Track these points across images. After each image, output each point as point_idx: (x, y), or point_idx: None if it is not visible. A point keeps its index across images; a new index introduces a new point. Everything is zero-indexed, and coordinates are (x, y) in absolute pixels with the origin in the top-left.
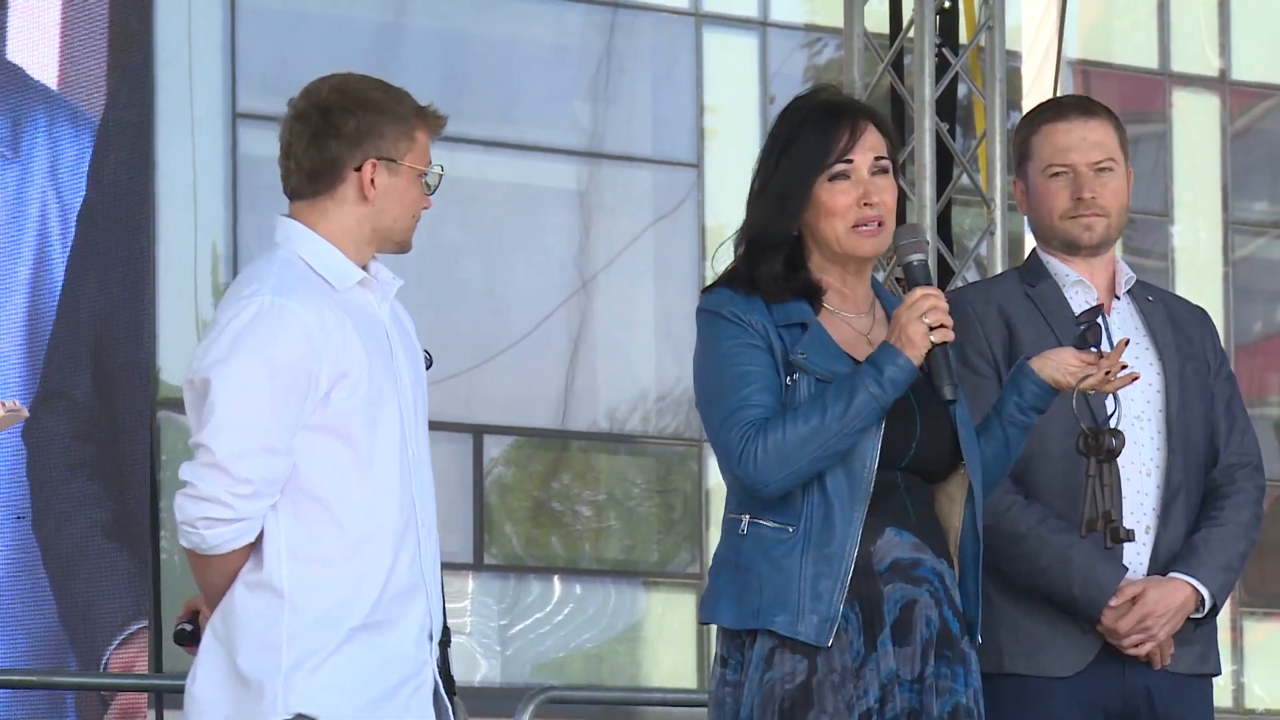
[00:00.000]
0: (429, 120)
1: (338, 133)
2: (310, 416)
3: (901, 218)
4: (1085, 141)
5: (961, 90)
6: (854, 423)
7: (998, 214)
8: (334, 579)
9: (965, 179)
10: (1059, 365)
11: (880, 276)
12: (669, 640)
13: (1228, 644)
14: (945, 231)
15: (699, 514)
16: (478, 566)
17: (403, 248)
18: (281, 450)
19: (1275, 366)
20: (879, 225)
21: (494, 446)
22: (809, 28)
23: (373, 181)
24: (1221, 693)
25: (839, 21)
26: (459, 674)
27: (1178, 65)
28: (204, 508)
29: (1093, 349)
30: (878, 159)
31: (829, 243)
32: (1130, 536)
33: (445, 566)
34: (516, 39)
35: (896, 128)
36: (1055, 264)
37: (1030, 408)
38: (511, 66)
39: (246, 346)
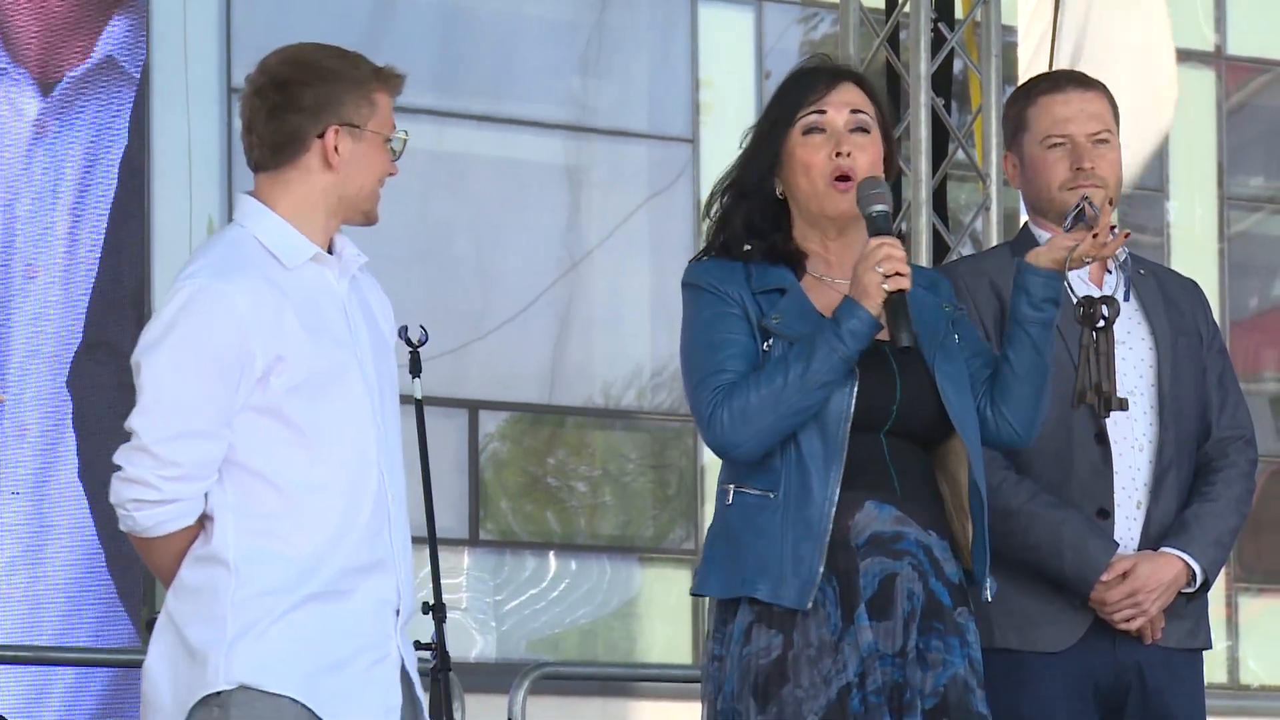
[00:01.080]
0: (388, 81)
1: (297, 105)
2: (249, 399)
3: (896, 193)
4: (1083, 113)
5: (957, 65)
6: (816, 378)
7: (993, 189)
8: (282, 552)
9: (961, 154)
10: (1053, 246)
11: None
12: (664, 616)
13: (1222, 619)
14: (940, 207)
15: (694, 490)
16: (473, 542)
17: (368, 218)
18: (211, 433)
19: (1271, 342)
20: (851, 181)
21: (489, 422)
22: (805, 2)
23: (336, 149)
24: (1216, 668)
25: None
26: (454, 650)
27: (1174, 40)
28: (133, 489)
29: (1083, 225)
30: (854, 112)
31: (807, 201)
32: (1123, 405)
33: (440, 542)
34: (510, 13)
35: (892, 103)
36: (1047, 237)
37: (1043, 300)
38: (505, 41)
39: (176, 331)
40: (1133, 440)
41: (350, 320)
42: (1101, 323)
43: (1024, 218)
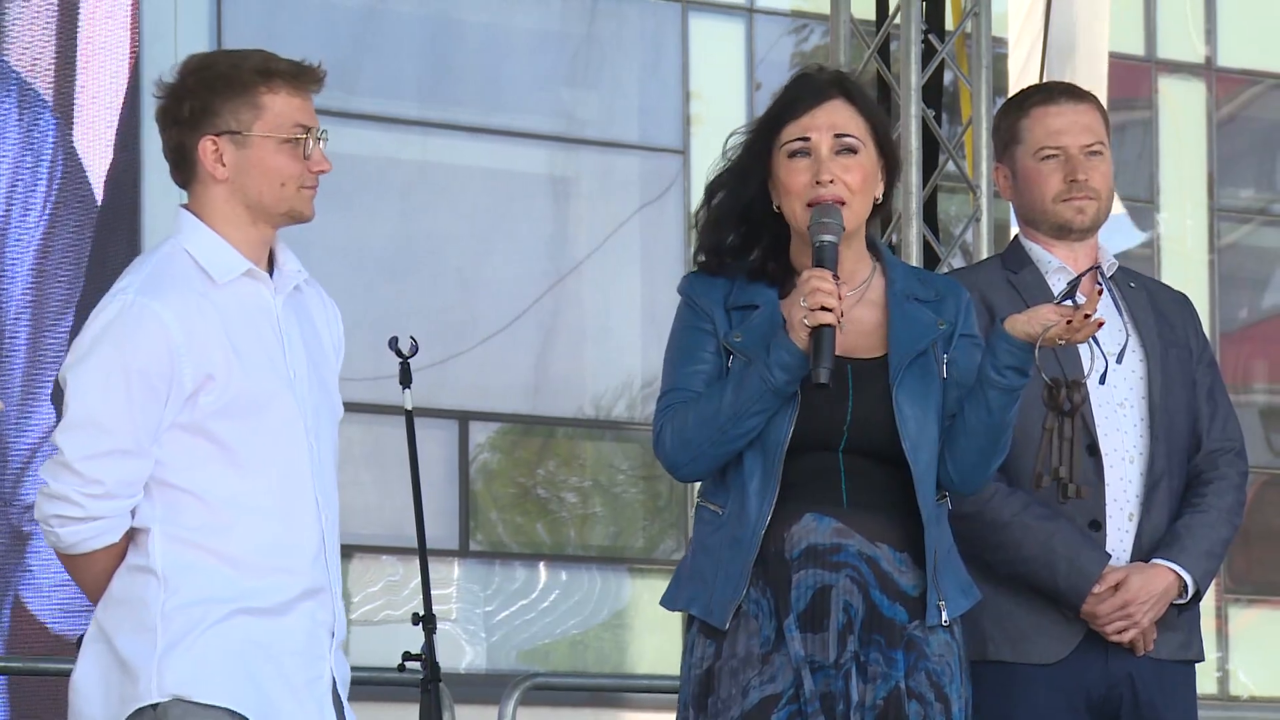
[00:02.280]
0: (281, 79)
1: (177, 118)
2: (177, 417)
3: (887, 203)
4: (1076, 124)
5: (947, 77)
6: (747, 406)
7: (984, 200)
8: (211, 564)
9: (951, 166)
10: (1032, 318)
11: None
12: (654, 627)
13: (1213, 631)
14: (931, 218)
15: (684, 501)
16: (463, 553)
17: (294, 218)
18: (136, 452)
19: (1260, 353)
20: (838, 205)
21: (479, 433)
22: (795, 14)
23: (222, 161)
24: (1206, 680)
25: (825, 8)
26: (444, 660)
27: (1164, 52)
28: (56, 506)
29: (1070, 302)
30: (839, 136)
31: (791, 219)
32: (1080, 494)
33: (430, 553)
34: (500, 24)
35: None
36: (1038, 250)
37: (1005, 367)
38: (493, 52)
39: (103, 347)
40: (1124, 452)
41: (284, 338)
42: (1068, 406)
43: (1015, 229)
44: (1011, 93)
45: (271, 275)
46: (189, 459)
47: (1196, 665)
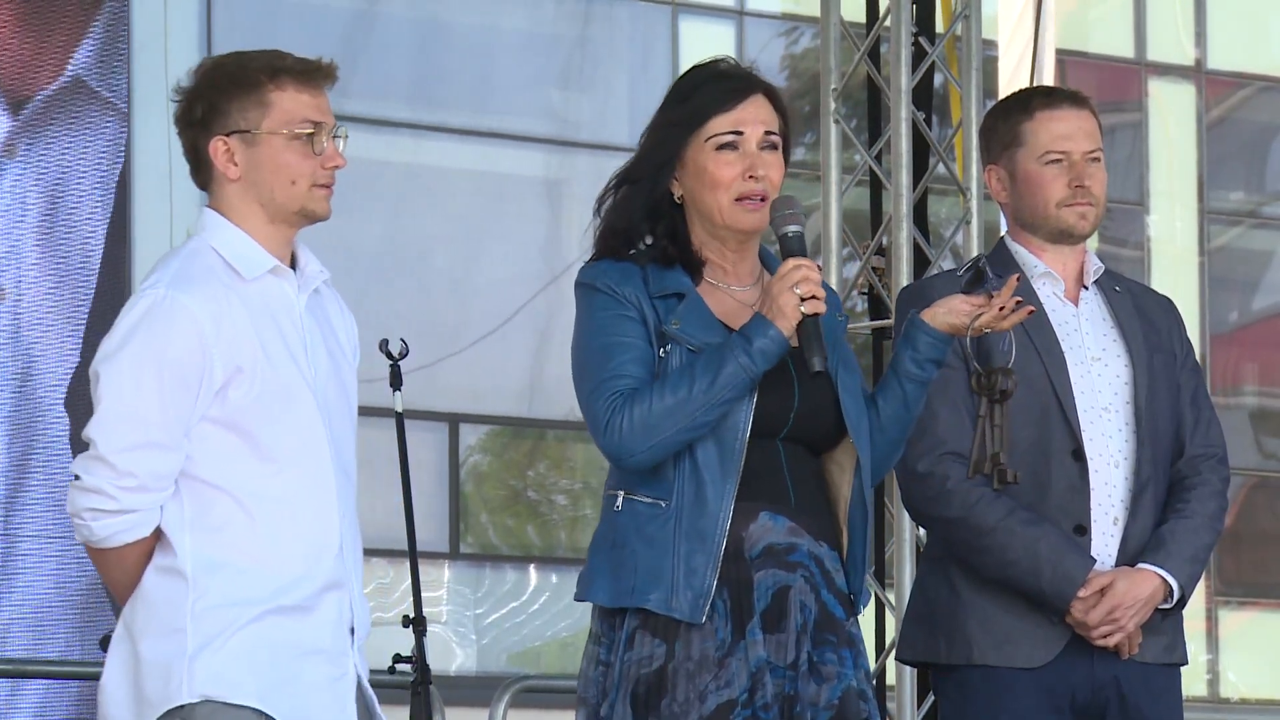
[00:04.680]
0: (288, 75)
1: (190, 120)
2: (207, 410)
3: (878, 206)
4: (1081, 130)
5: (938, 79)
6: (722, 394)
7: (974, 203)
8: (241, 563)
9: (941, 168)
10: (950, 309)
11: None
12: None
13: (1203, 633)
14: (921, 221)
15: None
16: (453, 555)
17: (308, 216)
18: (169, 445)
19: (1251, 356)
20: (762, 200)
21: (469, 435)
22: (785, 17)
23: (234, 161)
24: (1197, 682)
25: (815, 10)
26: (434, 663)
27: (1154, 54)
28: (90, 499)
29: (984, 290)
30: (768, 133)
31: (710, 214)
32: (1016, 479)
33: (421, 555)
34: (490, 27)
35: (873, 117)
36: (1024, 254)
37: (926, 359)
38: (485, 55)
39: (136, 341)
40: (1109, 457)
41: (306, 336)
42: (999, 395)
43: (1004, 231)
44: (1002, 95)
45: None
46: (219, 454)
47: (1184, 667)
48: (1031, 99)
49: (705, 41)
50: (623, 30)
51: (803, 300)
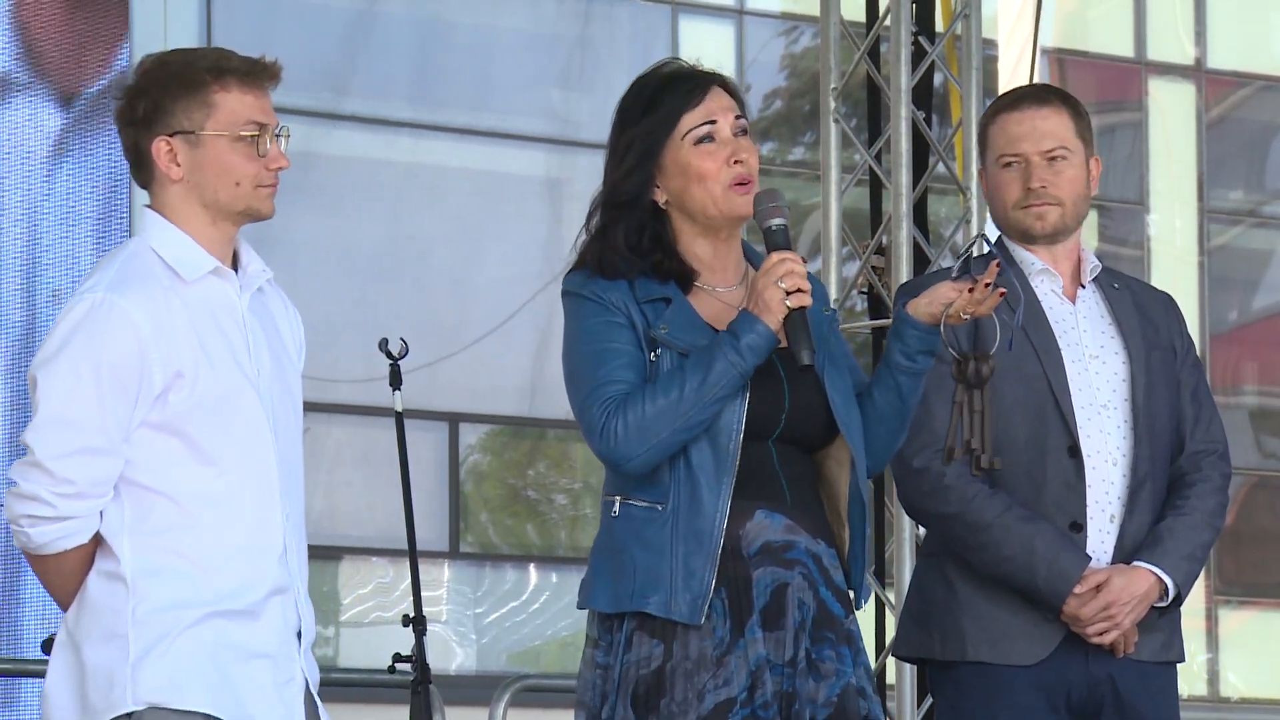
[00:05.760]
0: (233, 76)
1: (132, 118)
2: (147, 415)
3: (877, 206)
4: (1036, 130)
5: (938, 79)
6: (713, 392)
7: (974, 202)
8: (181, 567)
9: (941, 167)
10: (933, 298)
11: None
12: None
13: (1203, 632)
14: (921, 220)
15: None
16: (453, 554)
17: (252, 216)
18: (107, 450)
19: (1251, 355)
20: (749, 184)
21: (469, 435)
22: (785, 16)
23: (176, 161)
24: (1196, 681)
25: (815, 10)
26: (434, 662)
27: (1153, 54)
28: (27, 505)
29: (968, 277)
30: (737, 118)
31: (703, 208)
32: (995, 465)
33: (420, 555)
34: (491, 26)
35: (873, 116)
36: (1020, 252)
37: (917, 351)
38: (486, 54)
39: (73, 345)
40: (1106, 454)
41: (249, 336)
42: (976, 380)
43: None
44: (1000, 93)
45: (236, 275)
46: (158, 458)
47: (1185, 666)
48: (998, 102)
49: (705, 41)
50: (623, 30)
51: (788, 294)
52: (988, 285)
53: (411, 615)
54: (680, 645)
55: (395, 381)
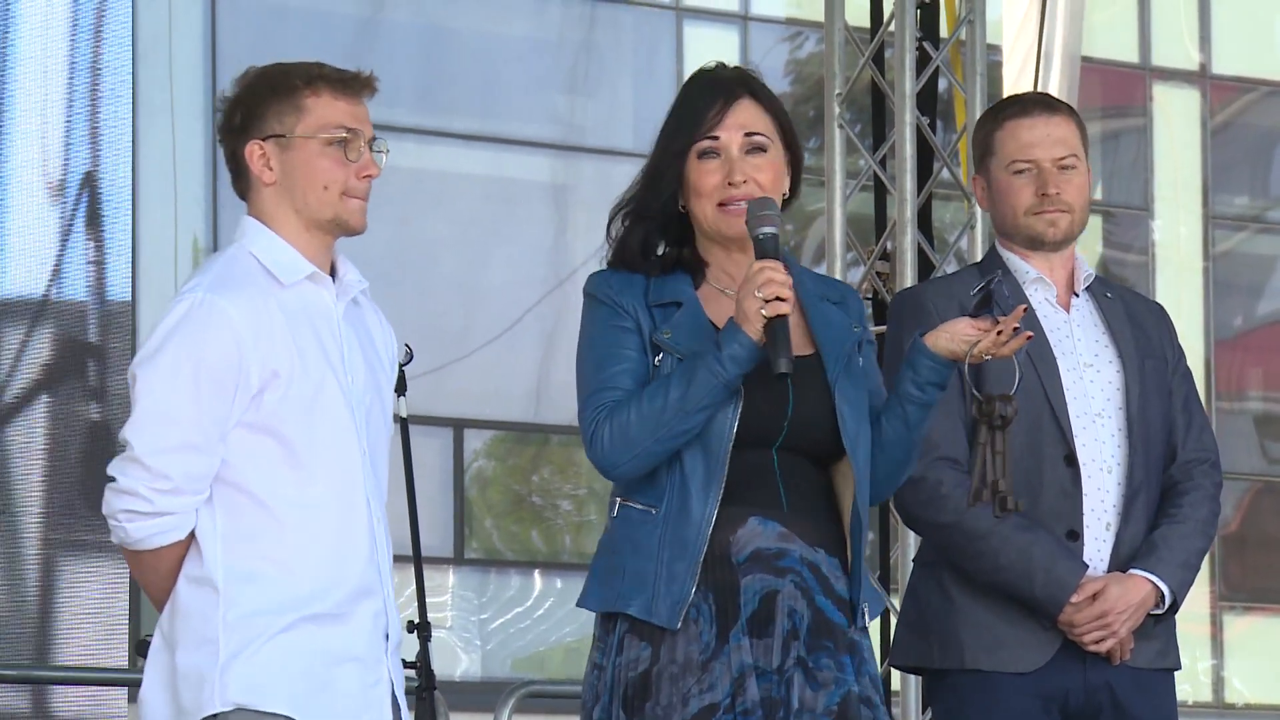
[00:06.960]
0: (325, 82)
1: (230, 127)
2: (243, 415)
3: (882, 211)
4: (1049, 138)
5: (942, 84)
6: (696, 401)
7: (978, 208)
8: (272, 573)
9: (946, 173)
10: (953, 335)
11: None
12: None
13: (1208, 638)
14: (926, 225)
15: None
16: (458, 560)
17: (341, 226)
18: (204, 447)
19: (1255, 361)
20: (744, 204)
21: (474, 440)
22: (790, 22)
23: (269, 165)
24: (1201, 687)
25: (820, 15)
26: (439, 668)
27: (1158, 59)
28: (125, 501)
29: (989, 315)
30: (749, 135)
31: (701, 222)
32: (1018, 508)
33: (425, 561)
34: (495, 32)
35: (877, 122)
36: (1015, 260)
37: (927, 383)
38: (490, 60)
39: (173, 343)
40: (1102, 463)
41: (343, 344)
42: (999, 421)
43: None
44: None
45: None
46: (252, 459)
47: (1191, 673)
48: (1004, 108)
49: (709, 46)
50: (627, 35)
51: (766, 302)
52: (1016, 330)
53: (416, 621)
54: (667, 649)
55: (400, 387)
